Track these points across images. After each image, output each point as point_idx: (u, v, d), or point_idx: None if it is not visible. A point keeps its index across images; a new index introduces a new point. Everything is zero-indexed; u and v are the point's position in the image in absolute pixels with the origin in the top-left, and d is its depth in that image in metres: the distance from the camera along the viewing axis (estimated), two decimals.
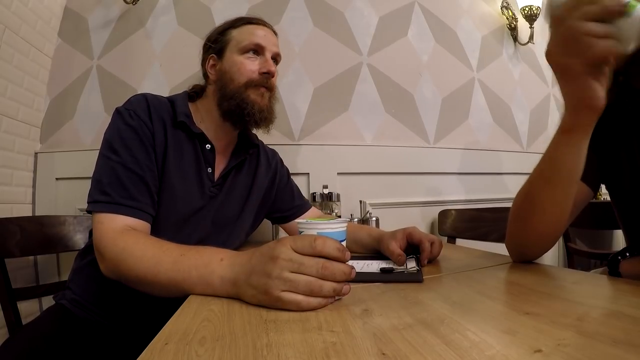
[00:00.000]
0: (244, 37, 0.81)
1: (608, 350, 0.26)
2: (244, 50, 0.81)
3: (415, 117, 1.60)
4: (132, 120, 0.70)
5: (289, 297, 0.40)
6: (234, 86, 0.79)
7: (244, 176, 0.88)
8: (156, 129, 0.72)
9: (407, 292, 0.47)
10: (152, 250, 0.55)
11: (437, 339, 0.30)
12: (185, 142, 0.77)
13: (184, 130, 0.77)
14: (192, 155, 0.78)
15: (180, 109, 0.77)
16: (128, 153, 0.68)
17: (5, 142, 1.13)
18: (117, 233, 0.61)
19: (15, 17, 1.12)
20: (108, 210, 0.63)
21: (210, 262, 0.49)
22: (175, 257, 0.52)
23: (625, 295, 0.43)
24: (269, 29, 0.86)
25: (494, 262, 0.67)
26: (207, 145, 0.79)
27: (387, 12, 1.61)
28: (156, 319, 0.44)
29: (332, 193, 1.29)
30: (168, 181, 0.73)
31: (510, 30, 1.85)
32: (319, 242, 0.42)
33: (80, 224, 1.14)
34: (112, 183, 0.65)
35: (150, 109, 0.73)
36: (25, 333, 0.70)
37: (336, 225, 0.53)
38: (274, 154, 1.02)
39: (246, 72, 0.79)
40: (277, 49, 0.86)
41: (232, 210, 0.85)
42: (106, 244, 0.59)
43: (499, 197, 1.67)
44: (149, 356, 0.29)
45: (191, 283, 0.49)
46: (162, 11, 1.40)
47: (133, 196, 0.66)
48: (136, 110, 0.71)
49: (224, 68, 0.81)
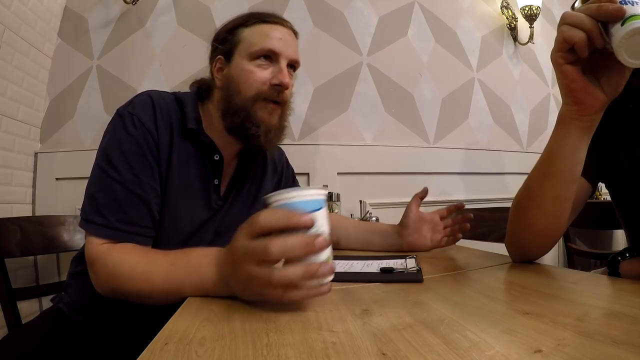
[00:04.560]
0: (255, 40, 0.70)
1: (608, 350, 0.26)
2: (254, 56, 0.69)
3: (415, 117, 1.60)
4: (136, 130, 0.62)
5: (267, 293, 0.39)
6: (241, 99, 0.69)
7: (249, 184, 0.81)
8: (161, 140, 0.65)
9: (407, 292, 0.47)
10: (141, 265, 0.54)
11: (437, 339, 0.30)
12: (192, 153, 0.69)
13: (192, 140, 0.69)
14: (199, 168, 0.70)
15: (190, 113, 0.68)
16: (129, 171, 0.61)
17: (5, 142, 1.13)
18: (106, 252, 0.58)
19: (15, 17, 1.12)
20: (103, 235, 0.59)
21: (200, 266, 0.48)
22: (166, 268, 0.51)
23: (625, 295, 0.43)
24: (288, 30, 0.74)
25: (494, 262, 0.67)
26: (215, 156, 0.71)
27: (387, 12, 1.61)
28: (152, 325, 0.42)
29: (332, 193, 1.29)
30: (171, 197, 0.67)
31: (510, 30, 1.85)
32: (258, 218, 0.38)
33: None
34: (109, 205, 0.60)
35: (157, 113, 0.65)
36: (20, 333, 0.70)
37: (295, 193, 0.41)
38: (281, 154, 0.95)
39: (255, 83, 0.69)
40: (296, 54, 0.73)
41: (236, 219, 0.79)
42: (97, 266, 0.57)
43: (499, 197, 1.66)
44: (149, 356, 0.29)
45: (188, 291, 0.48)
46: (162, 11, 1.40)
47: (132, 220, 0.60)
48: (140, 116, 0.63)
49: (232, 75, 0.70)
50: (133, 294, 0.54)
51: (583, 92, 0.45)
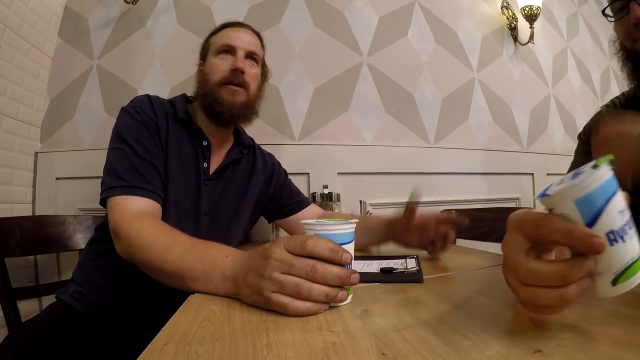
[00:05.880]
0: (218, 40, 0.88)
1: (608, 350, 0.26)
2: (217, 52, 0.87)
3: (416, 117, 1.60)
4: (139, 116, 0.77)
5: (276, 298, 0.39)
6: (209, 85, 0.85)
7: (240, 175, 0.93)
8: (160, 123, 0.79)
9: (407, 292, 0.47)
10: (164, 237, 0.57)
11: (437, 339, 0.30)
12: (184, 136, 0.84)
13: (183, 126, 0.84)
14: (191, 149, 0.84)
15: (179, 108, 0.85)
16: (139, 144, 0.73)
17: (5, 141, 1.13)
18: (133, 216, 0.63)
19: (16, 17, 1.12)
20: (125, 193, 0.67)
21: (216, 257, 0.50)
22: (185, 247, 0.54)
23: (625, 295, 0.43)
24: (246, 29, 0.91)
25: (494, 262, 0.67)
26: (204, 142, 0.86)
27: (387, 12, 1.61)
28: (159, 314, 0.45)
29: (332, 193, 1.29)
30: (169, 170, 0.78)
31: (510, 30, 1.85)
32: (310, 242, 0.41)
33: (80, 224, 1.14)
34: (127, 170, 0.70)
35: (154, 105, 0.81)
36: (24, 329, 0.71)
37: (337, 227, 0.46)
38: (271, 156, 1.07)
39: (218, 71, 0.85)
40: (253, 47, 0.89)
41: (228, 206, 0.89)
42: (122, 225, 0.62)
43: (498, 197, 1.66)
44: (149, 356, 0.29)
45: (195, 276, 0.50)
46: (162, 11, 1.40)
47: (148, 180, 0.71)
48: (141, 106, 0.78)
49: (204, 70, 0.89)
50: (146, 262, 0.57)
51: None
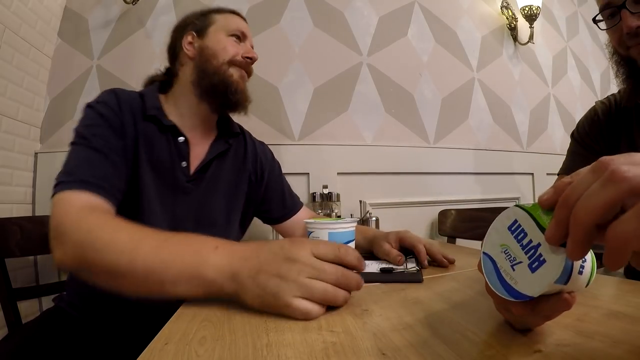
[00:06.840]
0: (230, 22, 0.82)
1: (608, 350, 0.26)
2: (230, 33, 0.80)
3: (415, 117, 1.60)
4: (101, 109, 0.68)
5: (299, 304, 0.37)
6: (218, 62, 0.78)
7: (228, 170, 0.82)
8: (126, 121, 0.69)
9: (407, 292, 0.47)
10: (127, 233, 0.46)
11: (437, 339, 0.30)
12: (156, 135, 0.73)
13: (155, 123, 0.73)
14: (164, 149, 0.74)
15: (149, 102, 0.74)
16: (97, 137, 0.64)
17: (5, 142, 1.13)
18: (81, 213, 0.51)
19: (15, 17, 1.12)
20: (71, 187, 0.55)
21: (202, 249, 0.42)
22: (157, 242, 0.44)
23: (625, 295, 0.43)
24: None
25: None
26: (179, 138, 0.75)
27: (387, 12, 1.61)
28: (153, 322, 0.43)
29: (332, 193, 1.29)
30: (142, 175, 0.70)
31: (510, 30, 1.85)
32: (343, 251, 0.41)
33: None
34: (79, 165, 0.60)
35: (120, 101, 0.71)
36: (22, 332, 0.70)
37: (347, 224, 0.53)
38: (264, 146, 0.97)
39: (231, 50, 0.79)
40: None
41: (217, 207, 0.79)
42: (67, 226, 0.50)
43: (498, 197, 1.67)
44: (149, 356, 0.29)
45: (175, 274, 0.41)
46: (162, 11, 1.40)
47: (100, 175, 0.59)
48: (105, 101, 0.70)
49: (206, 44, 0.79)
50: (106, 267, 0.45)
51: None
